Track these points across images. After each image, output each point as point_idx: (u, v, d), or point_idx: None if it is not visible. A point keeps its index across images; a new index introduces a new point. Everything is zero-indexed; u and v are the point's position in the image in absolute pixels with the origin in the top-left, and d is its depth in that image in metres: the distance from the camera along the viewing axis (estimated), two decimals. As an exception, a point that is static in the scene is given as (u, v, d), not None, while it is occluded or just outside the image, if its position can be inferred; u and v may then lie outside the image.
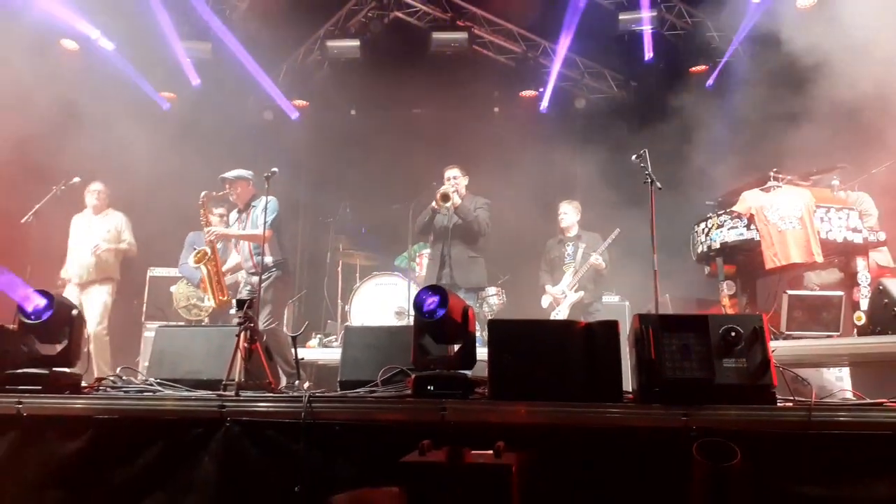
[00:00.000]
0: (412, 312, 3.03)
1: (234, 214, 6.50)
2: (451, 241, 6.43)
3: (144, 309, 7.96)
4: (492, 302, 7.99)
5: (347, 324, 7.46)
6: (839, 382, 5.07)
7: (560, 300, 7.02)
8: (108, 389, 3.40)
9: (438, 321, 2.87)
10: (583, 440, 2.61)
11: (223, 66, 9.49)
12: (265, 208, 5.86)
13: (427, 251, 7.18)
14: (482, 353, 3.01)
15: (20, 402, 2.98)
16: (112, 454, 2.86)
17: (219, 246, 6.86)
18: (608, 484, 2.54)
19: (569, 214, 7.24)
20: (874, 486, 2.38)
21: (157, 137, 8.37)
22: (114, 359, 6.59)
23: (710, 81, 9.26)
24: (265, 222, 5.84)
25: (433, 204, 6.49)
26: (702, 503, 2.26)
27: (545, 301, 7.24)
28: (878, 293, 4.34)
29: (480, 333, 6.55)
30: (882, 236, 5.20)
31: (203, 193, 6.30)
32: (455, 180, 6.61)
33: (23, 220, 6.34)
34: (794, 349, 4.36)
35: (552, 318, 6.95)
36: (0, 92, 6.97)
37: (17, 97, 7.08)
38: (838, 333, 4.48)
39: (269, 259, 5.99)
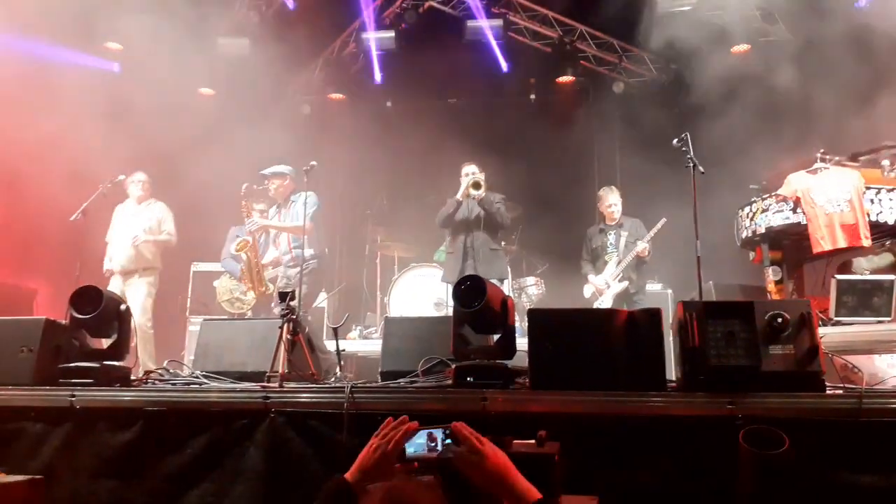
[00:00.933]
0: (451, 303, 3.03)
1: (273, 210, 6.60)
2: (475, 233, 6.40)
3: (188, 304, 8.13)
4: (531, 292, 7.97)
5: (387, 315, 7.52)
6: (891, 369, 4.92)
7: (603, 290, 6.91)
8: (157, 382, 3.48)
9: (478, 311, 2.87)
10: (626, 429, 2.59)
11: (261, 62, 9.59)
12: (305, 202, 5.91)
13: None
14: (522, 343, 3.00)
15: (73, 395, 3.08)
16: (161, 445, 2.94)
17: (260, 241, 6.98)
18: (653, 473, 2.51)
19: (618, 205, 7.11)
20: (929, 475, 2.31)
21: (198, 134, 8.53)
22: (158, 352, 6.73)
23: (752, 61, 9.02)
24: (307, 215, 5.86)
25: (458, 196, 6.45)
26: (749, 492, 2.22)
27: (587, 291, 7.14)
28: (933, 276, 4.21)
29: (520, 323, 6.53)
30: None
31: (244, 185, 6.44)
32: (474, 176, 6.53)
33: (72, 218, 6.50)
34: (843, 335, 4.25)
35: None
36: (48, 94, 7.19)
37: (63, 98, 7.30)
38: (890, 319, 4.35)
39: (307, 252, 6.03)
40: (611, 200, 7.13)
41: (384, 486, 1.63)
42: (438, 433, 1.71)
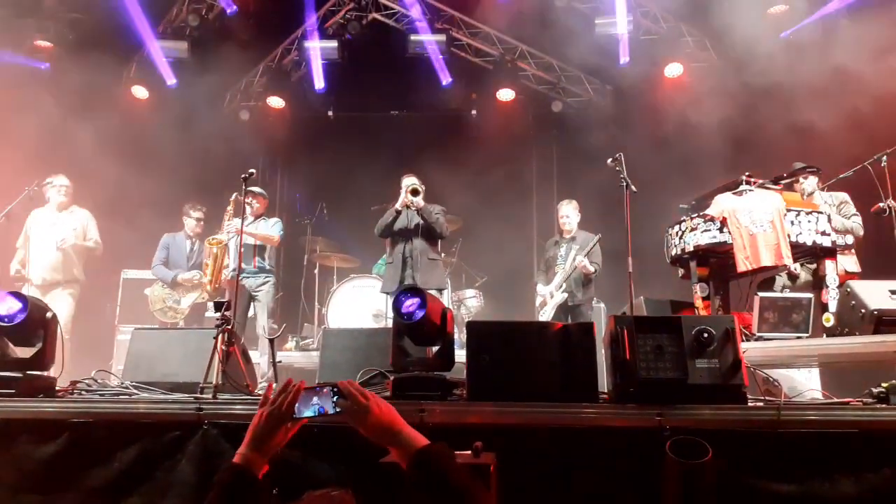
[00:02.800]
0: (390, 315, 3.04)
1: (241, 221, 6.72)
2: (414, 242, 6.42)
3: (118, 312, 7.87)
4: (470, 304, 8.03)
5: (325, 326, 7.45)
6: (809, 383, 5.17)
7: (547, 300, 7.04)
8: (84, 393, 3.36)
9: (417, 323, 2.89)
10: (559, 440, 2.65)
11: (200, 66, 9.43)
12: (274, 224, 6.91)
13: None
14: (461, 355, 3.04)
15: (-7, 406, 2.94)
16: (88, 458, 2.83)
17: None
18: (584, 482, 2.57)
19: (571, 217, 7.21)
20: (841, 483, 2.45)
21: (132, 137, 8.30)
22: (86, 362, 6.42)
23: (684, 84, 9.38)
24: (280, 232, 6.94)
25: (397, 205, 6.47)
26: (674, 500, 2.30)
27: (538, 300, 7.26)
28: (846, 295, 4.44)
29: (459, 335, 6.57)
30: (850, 240, 5.33)
31: (234, 195, 6.65)
32: (412, 183, 6.57)
33: (-7, 222, 6.21)
34: (765, 350, 4.43)
35: (540, 317, 6.99)
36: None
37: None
38: (808, 335, 4.57)
39: (267, 264, 6.84)
40: (563, 212, 7.24)
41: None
42: (327, 391, 1.74)
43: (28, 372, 3.18)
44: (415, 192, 6.33)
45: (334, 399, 1.74)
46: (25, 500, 2.78)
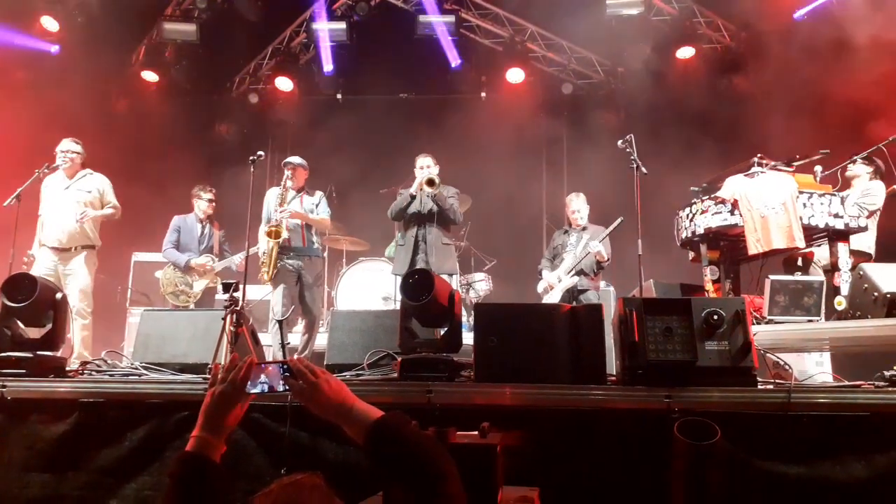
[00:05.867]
0: (399, 298, 3.04)
1: (291, 194, 6.56)
2: (427, 227, 6.37)
3: (129, 294, 7.90)
4: (479, 287, 8.01)
5: (334, 308, 7.46)
6: (819, 366, 5.14)
7: (553, 285, 6.98)
8: (94, 373, 3.38)
9: (425, 304, 2.88)
10: (567, 421, 2.64)
11: (208, 49, 9.40)
12: (322, 199, 6.65)
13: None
14: (469, 338, 3.03)
15: (4, 386, 2.97)
16: (97, 437, 2.87)
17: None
18: (592, 464, 2.57)
19: (581, 210, 7.12)
20: (851, 466, 2.43)
21: (140, 120, 8.30)
22: (96, 344, 6.45)
23: (696, 67, 9.28)
24: (328, 212, 6.70)
25: (411, 190, 6.42)
26: (682, 481, 2.30)
27: (540, 286, 7.20)
28: (859, 278, 4.40)
29: (467, 319, 6.55)
30: (863, 222, 5.26)
31: (284, 178, 6.53)
32: (429, 169, 6.50)
33: (5, 204, 6.22)
34: (775, 333, 4.40)
35: (544, 302, 6.93)
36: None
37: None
38: (819, 318, 4.53)
39: (316, 243, 6.64)
40: (574, 206, 7.12)
41: (268, 494, 1.56)
42: (276, 368, 1.70)
43: (38, 352, 3.20)
44: (430, 183, 6.23)
45: (284, 376, 1.67)
46: (36, 479, 2.81)
